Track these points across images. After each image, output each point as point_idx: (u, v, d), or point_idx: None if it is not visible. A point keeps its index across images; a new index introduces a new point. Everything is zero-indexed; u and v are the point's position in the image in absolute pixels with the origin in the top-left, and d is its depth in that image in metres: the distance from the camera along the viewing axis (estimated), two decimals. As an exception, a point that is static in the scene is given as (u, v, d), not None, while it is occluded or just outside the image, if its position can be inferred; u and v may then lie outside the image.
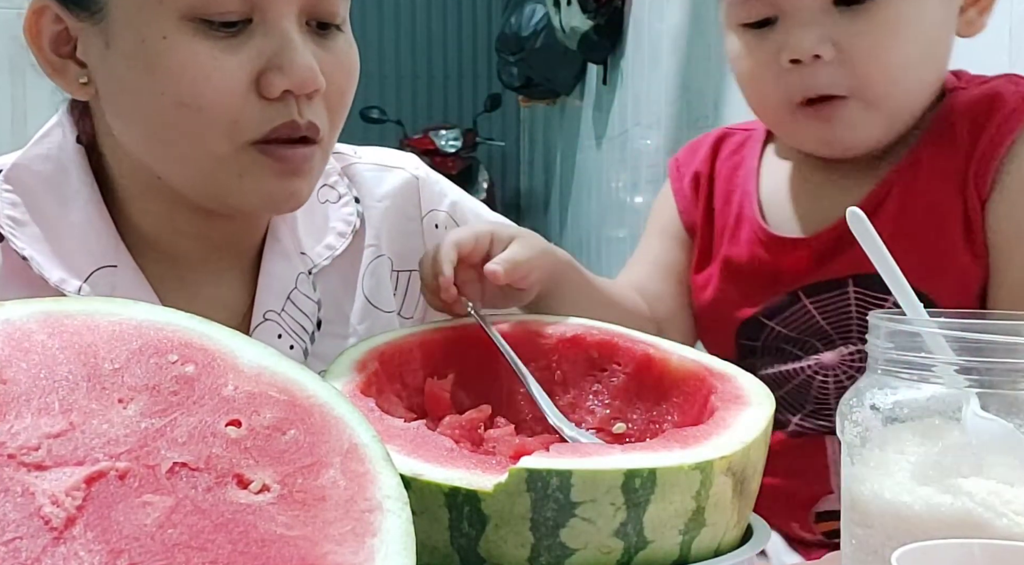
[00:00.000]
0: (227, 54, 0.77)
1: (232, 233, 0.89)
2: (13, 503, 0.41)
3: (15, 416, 0.44)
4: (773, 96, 0.92)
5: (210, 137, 0.78)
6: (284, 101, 0.78)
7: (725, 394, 0.63)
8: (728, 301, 1.01)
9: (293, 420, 0.48)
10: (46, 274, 0.83)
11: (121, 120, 0.82)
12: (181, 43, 0.76)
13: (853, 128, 0.91)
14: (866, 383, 0.58)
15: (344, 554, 0.42)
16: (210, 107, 0.77)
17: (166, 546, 0.41)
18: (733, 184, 1.04)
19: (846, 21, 0.87)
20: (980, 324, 0.54)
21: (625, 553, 0.54)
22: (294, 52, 0.78)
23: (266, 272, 0.90)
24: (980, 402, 0.53)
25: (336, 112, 0.84)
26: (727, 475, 0.56)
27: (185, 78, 0.76)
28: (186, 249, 0.88)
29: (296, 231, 0.92)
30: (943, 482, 0.53)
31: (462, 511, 0.53)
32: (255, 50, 0.77)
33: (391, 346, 0.71)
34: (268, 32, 0.78)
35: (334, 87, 0.82)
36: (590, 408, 0.71)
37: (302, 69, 0.78)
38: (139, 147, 0.82)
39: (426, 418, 0.65)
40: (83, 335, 0.49)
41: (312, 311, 0.91)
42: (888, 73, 0.88)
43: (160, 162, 0.82)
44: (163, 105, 0.77)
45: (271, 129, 0.78)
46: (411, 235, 0.98)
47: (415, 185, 0.99)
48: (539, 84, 4.64)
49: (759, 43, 0.91)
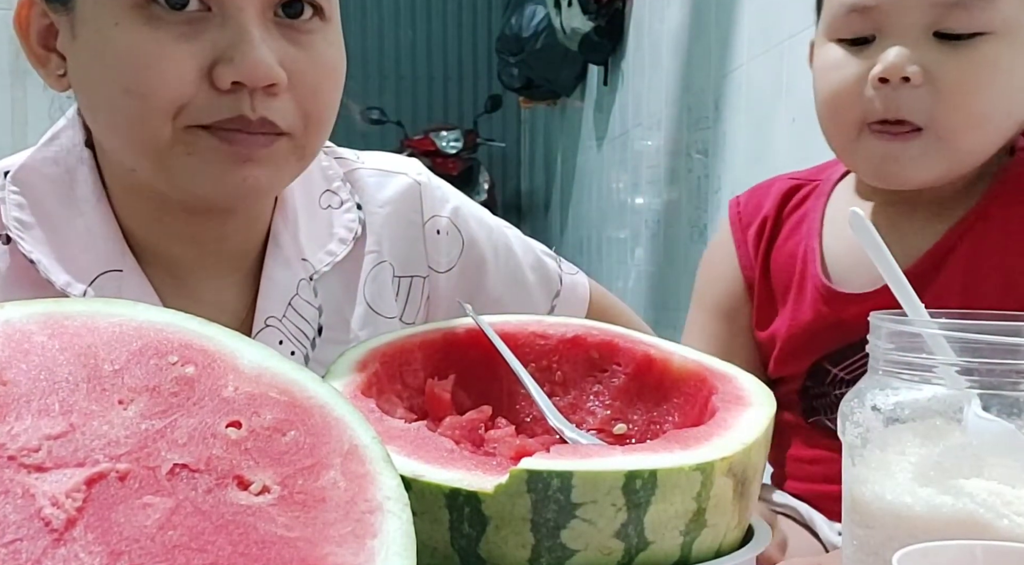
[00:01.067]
0: (178, 42, 0.76)
1: (223, 236, 0.88)
2: (13, 505, 0.41)
3: (15, 417, 0.44)
4: (850, 113, 0.91)
5: (153, 122, 0.77)
6: (236, 94, 0.77)
7: (726, 395, 0.63)
8: (795, 354, 1.01)
9: (293, 421, 0.48)
10: (52, 277, 0.83)
11: (88, 111, 0.83)
12: (131, 30, 0.76)
13: (915, 160, 0.90)
14: (867, 384, 0.58)
15: (344, 555, 0.42)
16: (154, 94, 0.76)
17: (166, 547, 0.41)
18: (797, 237, 1.04)
19: (943, 52, 0.87)
20: (981, 325, 0.54)
21: (626, 554, 0.54)
22: (247, 45, 0.76)
23: (267, 278, 0.90)
24: (981, 403, 0.53)
25: (311, 111, 0.82)
26: (728, 476, 0.56)
27: (130, 65, 0.76)
28: (181, 252, 0.87)
29: (298, 237, 0.92)
30: (944, 483, 0.53)
31: (463, 512, 0.53)
32: (209, 42, 0.77)
33: (391, 347, 0.70)
34: (225, 24, 0.77)
35: (305, 84, 0.80)
36: (590, 409, 0.71)
37: (253, 62, 0.76)
38: (103, 138, 0.83)
39: (426, 419, 0.65)
40: (83, 336, 0.49)
41: (313, 317, 0.91)
42: (970, 113, 0.88)
43: (122, 152, 0.82)
44: (112, 92, 0.77)
45: (216, 121, 0.77)
46: (413, 241, 0.98)
47: (417, 191, 0.99)
48: (540, 85, 4.64)
49: (852, 58, 0.91)
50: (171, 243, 0.87)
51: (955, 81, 0.87)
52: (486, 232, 1.02)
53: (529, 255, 1.05)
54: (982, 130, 0.90)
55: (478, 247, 1.01)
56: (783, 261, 1.04)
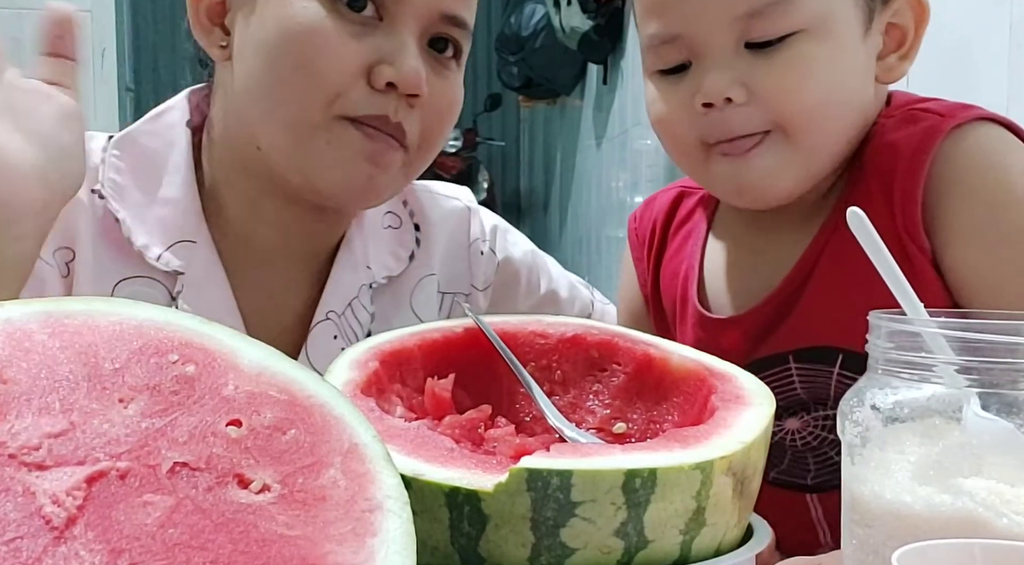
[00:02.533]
0: (351, 38, 0.85)
1: (311, 231, 0.96)
2: (14, 503, 0.41)
3: (16, 416, 0.44)
4: (687, 138, 0.89)
5: (311, 103, 0.85)
6: (386, 95, 0.86)
7: (725, 394, 0.63)
8: None
9: (293, 420, 0.48)
10: (133, 238, 0.91)
11: (246, 80, 0.89)
12: (317, 13, 0.85)
13: (769, 172, 0.87)
14: (866, 383, 0.58)
15: (344, 554, 0.42)
16: (320, 75, 0.85)
17: (167, 546, 0.41)
18: (682, 255, 1.02)
19: (757, 63, 0.85)
20: (981, 324, 0.54)
21: (625, 553, 0.54)
22: (407, 54, 0.86)
23: (336, 275, 0.98)
24: (981, 402, 0.53)
25: (431, 134, 0.91)
26: (727, 475, 0.56)
27: (309, 44, 0.85)
28: (266, 237, 0.95)
29: (367, 246, 1.00)
30: (943, 482, 0.53)
31: (462, 511, 0.53)
32: (375, 45, 0.86)
33: (391, 346, 0.71)
34: (390, 35, 0.87)
35: (434, 108, 0.90)
36: (590, 408, 0.71)
37: (410, 69, 0.86)
38: (254, 109, 0.89)
39: (426, 418, 0.65)
40: (84, 335, 0.49)
41: (366, 321, 0.98)
42: (801, 112, 0.85)
43: (266, 126, 0.88)
44: (283, 65, 0.86)
45: (365, 114, 0.86)
46: (459, 260, 1.07)
47: (467, 215, 1.09)
48: (539, 84, 4.64)
49: (674, 88, 0.89)
50: (259, 226, 0.95)
51: (774, 88, 0.84)
52: (520, 253, 1.11)
53: (563, 278, 1.15)
54: (822, 124, 0.86)
55: (512, 265, 1.10)
56: (668, 281, 1.02)
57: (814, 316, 0.89)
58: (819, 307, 0.89)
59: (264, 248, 0.95)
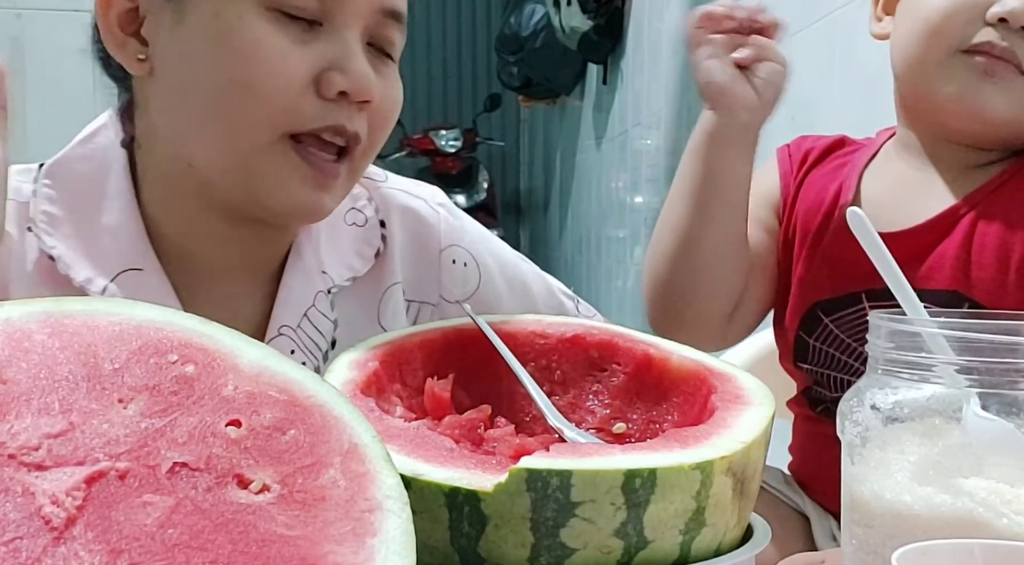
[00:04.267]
0: (295, 46, 0.80)
1: (256, 244, 0.91)
2: (13, 503, 0.41)
3: (15, 416, 0.44)
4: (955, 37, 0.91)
5: (255, 122, 0.80)
6: (338, 104, 0.82)
7: (725, 394, 0.63)
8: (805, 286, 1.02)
9: (293, 420, 0.48)
10: (72, 274, 0.85)
11: (175, 96, 0.83)
12: (255, 25, 0.79)
13: (1004, 95, 0.90)
14: (866, 383, 0.58)
15: (344, 554, 0.42)
16: (266, 92, 0.79)
17: (166, 546, 0.41)
18: (836, 174, 1.05)
19: None
20: (980, 324, 0.54)
21: (625, 553, 0.54)
22: (356, 59, 0.82)
23: (285, 287, 0.92)
24: (980, 402, 0.53)
25: (376, 134, 0.87)
26: (727, 475, 0.56)
27: (251, 58, 0.79)
28: (209, 255, 0.89)
29: (319, 250, 0.94)
30: (943, 482, 0.53)
31: (462, 511, 0.53)
32: (319, 52, 0.81)
33: (391, 346, 0.70)
34: (334, 39, 0.82)
35: (381, 109, 0.86)
36: (590, 408, 0.71)
37: (361, 75, 0.82)
38: (185, 126, 0.83)
39: (426, 418, 0.65)
40: (83, 335, 0.49)
41: (328, 330, 0.92)
42: None
43: (200, 145, 0.83)
44: (220, 81, 0.80)
45: (320, 127, 0.81)
46: (427, 267, 1.00)
47: (435, 218, 1.01)
48: (539, 84, 4.64)
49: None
50: (201, 245, 0.89)
51: None
52: (501, 266, 1.04)
53: (543, 292, 1.07)
54: None
55: (494, 282, 1.03)
56: (814, 195, 1.05)
57: (943, 266, 0.92)
58: (948, 257, 0.93)
59: (209, 266, 0.89)
